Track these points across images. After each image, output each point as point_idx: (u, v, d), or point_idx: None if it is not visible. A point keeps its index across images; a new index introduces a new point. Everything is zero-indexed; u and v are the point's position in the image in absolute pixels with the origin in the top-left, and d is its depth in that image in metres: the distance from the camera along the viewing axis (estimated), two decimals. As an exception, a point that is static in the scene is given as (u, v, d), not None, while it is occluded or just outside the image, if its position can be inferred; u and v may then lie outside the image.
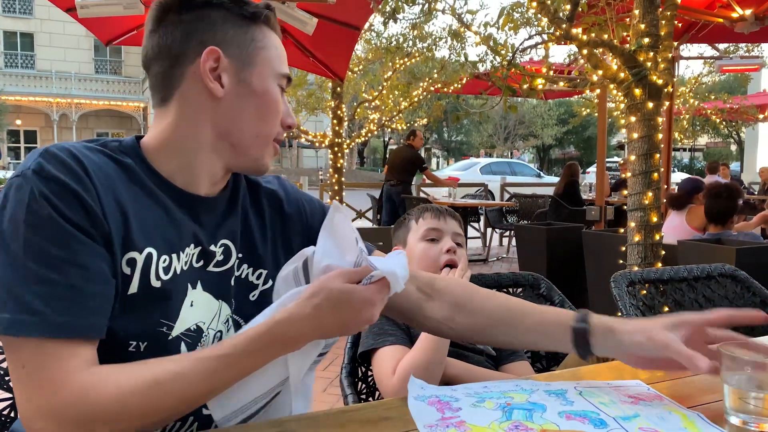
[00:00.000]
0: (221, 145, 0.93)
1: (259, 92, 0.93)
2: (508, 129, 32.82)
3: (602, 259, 3.92)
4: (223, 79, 0.91)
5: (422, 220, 1.48)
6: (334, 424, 0.85)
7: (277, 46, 0.96)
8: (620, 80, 3.04)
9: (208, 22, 0.91)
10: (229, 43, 0.91)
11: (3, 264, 0.75)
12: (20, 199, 0.76)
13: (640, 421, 0.85)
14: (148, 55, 0.92)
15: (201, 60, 0.89)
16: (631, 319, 1.01)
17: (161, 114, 0.93)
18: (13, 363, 0.75)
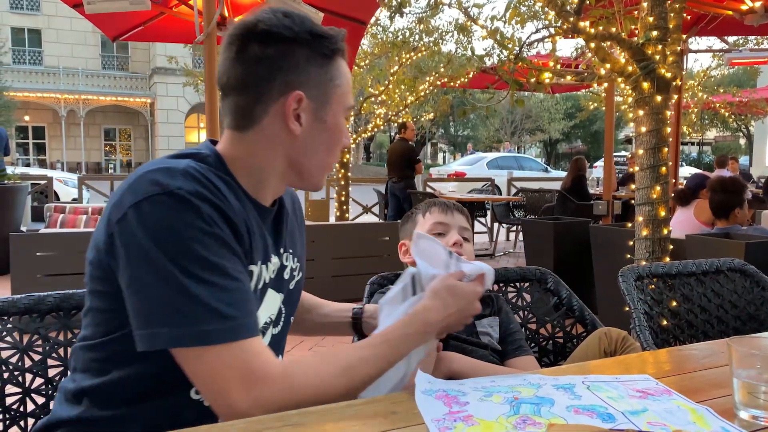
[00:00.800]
0: (290, 172, 1.01)
1: (331, 128, 1.00)
2: (515, 123, 32.70)
3: (610, 253, 3.90)
4: (302, 118, 0.97)
5: (429, 215, 1.48)
6: (341, 417, 0.85)
7: (348, 78, 1.03)
8: (628, 74, 3.01)
9: (293, 61, 0.95)
10: (311, 85, 0.97)
11: (168, 276, 0.81)
12: (176, 215, 0.83)
13: (648, 416, 0.84)
14: (230, 83, 0.96)
15: (286, 103, 0.95)
16: None
17: (238, 138, 0.98)
18: (216, 367, 0.82)
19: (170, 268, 0.81)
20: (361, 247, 4.96)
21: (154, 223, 0.82)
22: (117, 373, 0.92)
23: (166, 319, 0.81)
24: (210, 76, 3.62)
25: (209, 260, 0.83)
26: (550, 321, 1.65)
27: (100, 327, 0.92)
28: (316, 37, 0.96)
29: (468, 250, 1.44)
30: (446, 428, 0.79)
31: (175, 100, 28.92)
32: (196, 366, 0.83)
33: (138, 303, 0.83)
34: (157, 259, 0.81)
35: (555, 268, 4.47)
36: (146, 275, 0.82)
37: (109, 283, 0.88)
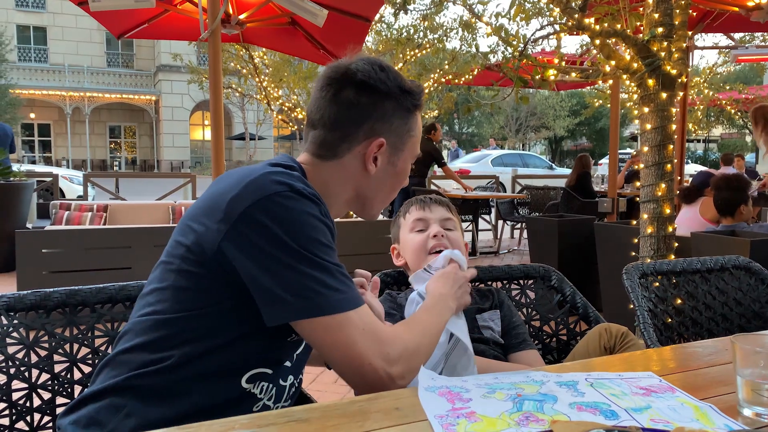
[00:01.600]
0: (355, 202, 1.15)
1: (399, 172, 1.15)
2: (519, 120, 32.61)
3: (614, 251, 3.89)
4: (378, 160, 1.10)
5: (408, 215, 1.52)
6: (345, 414, 0.85)
7: (420, 130, 1.17)
8: (633, 71, 3.00)
9: (381, 111, 1.08)
10: (392, 133, 1.10)
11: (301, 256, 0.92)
12: (304, 208, 0.95)
13: (651, 413, 0.84)
14: (322, 120, 1.09)
15: (369, 147, 1.08)
16: None
17: (317, 164, 1.10)
18: (350, 330, 0.93)
19: (302, 252, 0.92)
20: (367, 244, 4.96)
21: (284, 214, 0.93)
22: (183, 348, 0.96)
23: (303, 294, 0.92)
24: (214, 74, 3.62)
25: (329, 246, 0.96)
26: (554, 318, 1.65)
27: (181, 304, 0.98)
28: (404, 93, 1.10)
29: (453, 237, 1.46)
30: (449, 425, 0.79)
31: (180, 97, 28.97)
32: (332, 334, 0.93)
33: (272, 283, 0.92)
34: (289, 245, 0.92)
35: (559, 266, 4.46)
36: (280, 259, 0.92)
37: (204, 266, 0.96)
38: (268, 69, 8.57)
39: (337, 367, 0.97)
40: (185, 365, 0.97)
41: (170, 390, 0.96)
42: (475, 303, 1.47)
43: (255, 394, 1.01)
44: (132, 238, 4.08)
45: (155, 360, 0.96)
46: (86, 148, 28.86)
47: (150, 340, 0.98)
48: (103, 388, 0.98)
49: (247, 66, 8.01)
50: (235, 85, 10.34)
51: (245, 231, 0.93)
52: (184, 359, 0.96)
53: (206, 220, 0.97)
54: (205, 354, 0.97)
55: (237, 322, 0.96)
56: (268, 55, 8.45)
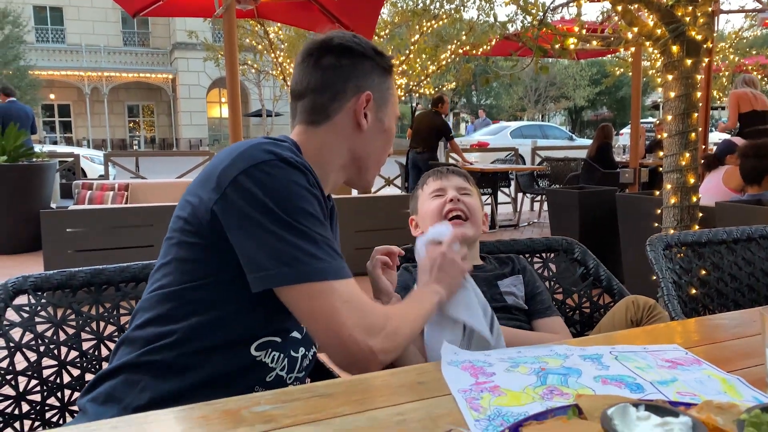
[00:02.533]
0: (351, 166, 1.18)
1: (387, 129, 1.20)
2: (539, 91, 32.09)
3: (637, 222, 3.84)
4: (368, 116, 1.15)
5: (426, 186, 1.53)
6: (368, 388, 0.85)
7: (396, 94, 1.24)
8: (656, 37, 2.92)
9: (362, 70, 1.15)
10: (375, 89, 1.16)
11: (288, 224, 0.94)
12: (292, 176, 0.97)
13: (678, 386, 0.83)
14: (309, 86, 1.14)
15: (359, 100, 1.13)
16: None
17: (311, 132, 1.14)
18: (333, 299, 0.94)
19: (287, 220, 0.94)
20: (384, 219, 4.96)
21: (271, 182, 0.95)
22: (190, 320, 0.99)
23: (286, 261, 0.93)
24: (230, 50, 3.61)
25: (315, 216, 0.97)
26: (577, 291, 1.64)
27: (184, 275, 1.01)
28: (378, 54, 1.18)
29: (470, 203, 1.45)
30: (473, 399, 0.79)
31: (197, 75, 28.97)
32: (314, 302, 0.94)
33: (257, 249, 0.94)
34: (275, 212, 0.94)
35: (580, 238, 4.41)
36: (265, 226, 0.94)
37: (201, 236, 0.99)
38: (283, 44, 8.52)
39: (319, 338, 0.97)
40: (194, 337, 0.99)
41: (182, 362, 0.99)
42: (494, 269, 1.46)
43: (267, 363, 1.04)
44: (153, 217, 4.12)
45: (165, 333, 0.99)
46: (106, 127, 29.10)
47: (159, 315, 1.01)
48: (119, 365, 1.01)
49: (263, 42, 7.97)
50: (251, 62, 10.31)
51: (233, 198, 0.95)
52: (191, 331, 0.99)
53: (201, 191, 1.00)
54: (211, 324, 1.00)
55: (238, 291, 0.98)
56: (283, 30, 8.39)
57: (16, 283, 1.17)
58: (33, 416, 1.16)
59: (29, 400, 1.16)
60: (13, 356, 1.14)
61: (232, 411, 0.77)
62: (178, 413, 0.77)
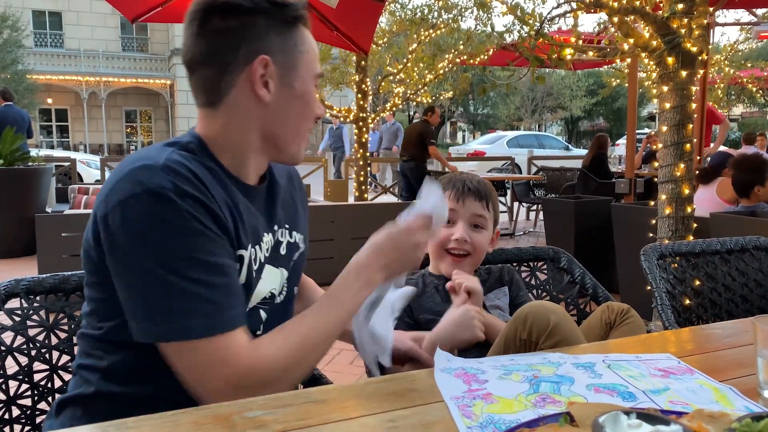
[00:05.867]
0: (267, 145, 1.02)
1: (300, 94, 1.01)
2: (535, 101, 32.23)
3: (632, 232, 3.85)
4: (270, 85, 0.98)
5: None
6: (361, 395, 0.85)
7: (313, 47, 1.04)
8: (652, 49, 2.94)
9: (254, 30, 0.96)
10: (275, 51, 0.98)
11: (151, 273, 0.84)
12: (157, 213, 0.85)
13: (670, 395, 0.84)
14: (195, 58, 0.98)
15: (252, 69, 0.96)
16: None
17: (210, 115, 1.00)
18: (188, 358, 0.86)
19: (153, 266, 0.84)
20: (381, 227, 4.95)
21: (136, 222, 0.85)
22: (119, 355, 0.95)
23: (150, 315, 0.85)
24: (228, 57, 3.62)
25: (192, 257, 0.86)
26: (564, 299, 1.64)
27: (98, 315, 0.96)
28: (276, 6, 0.97)
29: (478, 241, 1.39)
30: (465, 406, 0.79)
31: (195, 81, 28.98)
32: (177, 359, 0.87)
33: (126, 298, 0.88)
34: (141, 257, 0.85)
35: (576, 248, 4.43)
36: (132, 272, 0.86)
37: (98, 275, 0.93)
38: (281, 51, 8.53)
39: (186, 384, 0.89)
40: (131, 367, 0.94)
41: (129, 394, 0.94)
42: (483, 282, 1.45)
43: None
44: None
45: (103, 367, 0.95)
46: (103, 132, 29.06)
47: (91, 351, 0.97)
48: (71, 397, 0.98)
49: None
50: (248, 68, 10.31)
51: (105, 241, 0.88)
52: (128, 362, 0.94)
53: (88, 226, 0.94)
54: (140, 357, 0.92)
55: None
56: (281, 38, 8.40)
57: (8, 286, 1.17)
58: (23, 421, 1.16)
59: (20, 404, 1.15)
60: (3, 360, 1.13)
61: (224, 416, 0.77)
62: (168, 418, 0.76)
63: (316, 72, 1.04)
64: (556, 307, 1.09)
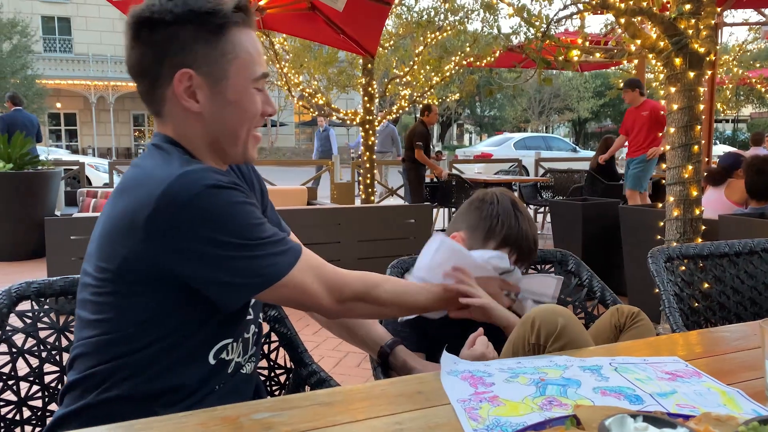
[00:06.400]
0: (213, 149, 1.04)
1: (234, 101, 1.01)
2: (542, 103, 32.16)
3: (639, 234, 3.84)
4: (198, 96, 0.99)
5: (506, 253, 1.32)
6: (368, 397, 0.86)
7: (249, 49, 1.02)
8: (659, 50, 2.93)
9: (178, 42, 0.97)
10: (200, 62, 0.98)
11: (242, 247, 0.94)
12: (228, 198, 0.93)
13: (677, 398, 0.83)
14: (132, 71, 1.01)
15: (174, 83, 0.97)
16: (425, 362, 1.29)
17: (160, 123, 1.04)
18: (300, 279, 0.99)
19: (239, 243, 0.93)
20: (387, 229, 4.96)
21: (208, 216, 0.91)
22: (141, 352, 0.96)
23: (257, 273, 0.96)
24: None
25: (255, 222, 0.96)
26: (572, 302, 1.64)
27: (123, 322, 0.97)
28: (200, 15, 0.97)
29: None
30: (472, 408, 0.79)
31: (202, 84, 29.12)
32: (288, 290, 0.99)
33: (227, 276, 0.94)
34: (225, 242, 0.92)
35: (583, 250, 4.41)
36: (224, 256, 0.93)
37: (137, 284, 0.95)
38: (288, 55, 8.57)
39: (296, 307, 1.04)
40: (148, 365, 0.97)
41: (141, 391, 0.97)
42: None
43: (224, 359, 1.03)
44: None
45: (117, 368, 0.96)
46: (111, 136, 29.24)
47: (104, 359, 0.97)
48: (74, 410, 0.98)
49: (268, 52, 8.01)
50: (256, 72, 10.34)
51: (180, 243, 0.91)
52: (144, 363, 0.96)
53: (127, 241, 0.93)
54: (163, 352, 0.97)
55: (184, 316, 0.97)
56: (288, 41, 8.45)
57: (19, 289, 1.18)
58: (34, 422, 1.17)
59: (30, 405, 1.17)
60: (15, 361, 1.14)
61: (231, 418, 0.77)
62: (176, 420, 0.77)
63: (255, 75, 1.02)
64: (564, 310, 1.09)
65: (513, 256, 1.32)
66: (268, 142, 29.18)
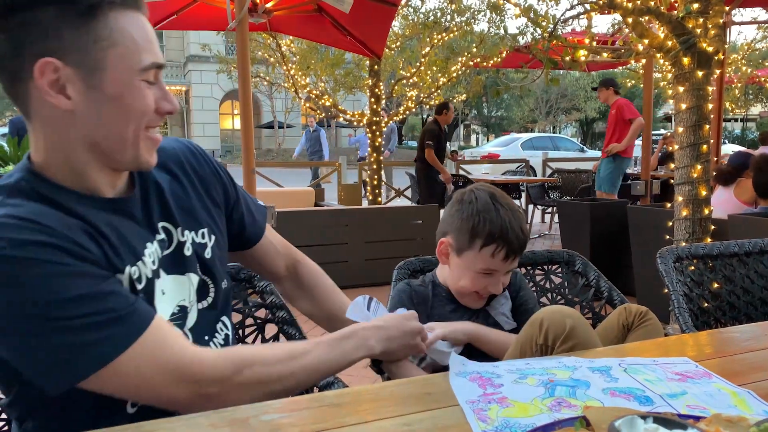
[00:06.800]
0: (96, 155, 0.88)
1: (115, 96, 0.85)
2: (549, 103, 32.10)
3: (648, 234, 3.82)
4: (69, 90, 0.83)
5: (488, 253, 1.30)
6: (377, 398, 0.86)
7: (133, 35, 0.85)
8: (667, 49, 2.92)
9: (39, 27, 0.80)
10: (69, 50, 0.81)
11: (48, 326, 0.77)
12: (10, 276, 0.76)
13: (687, 399, 0.83)
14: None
15: (35, 75, 0.81)
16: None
17: (32, 131, 0.88)
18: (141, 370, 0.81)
19: (40, 321, 0.76)
20: (394, 230, 4.96)
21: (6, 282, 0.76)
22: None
23: (56, 363, 0.78)
24: (242, 63, 3.65)
25: (68, 298, 0.78)
26: (579, 303, 1.63)
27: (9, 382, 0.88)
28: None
29: (505, 281, 1.36)
30: (481, 410, 0.79)
31: (209, 87, 29.26)
32: (119, 381, 0.81)
33: (31, 358, 0.79)
34: (19, 319, 0.76)
35: (591, 250, 4.40)
36: (23, 333, 0.77)
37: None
38: (295, 57, 8.60)
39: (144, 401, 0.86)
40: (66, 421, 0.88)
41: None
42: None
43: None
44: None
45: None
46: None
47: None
48: None
49: (275, 54, 8.05)
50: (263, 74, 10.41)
51: None
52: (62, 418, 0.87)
53: None
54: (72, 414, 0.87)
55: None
56: (295, 43, 8.48)
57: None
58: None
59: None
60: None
61: (240, 420, 0.77)
62: (185, 421, 0.77)
63: (142, 65, 0.86)
64: (572, 311, 1.08)
65: (503, 250, 1.29)
66: (275, 144, 29.27)
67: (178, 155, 1.05)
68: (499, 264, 1.30)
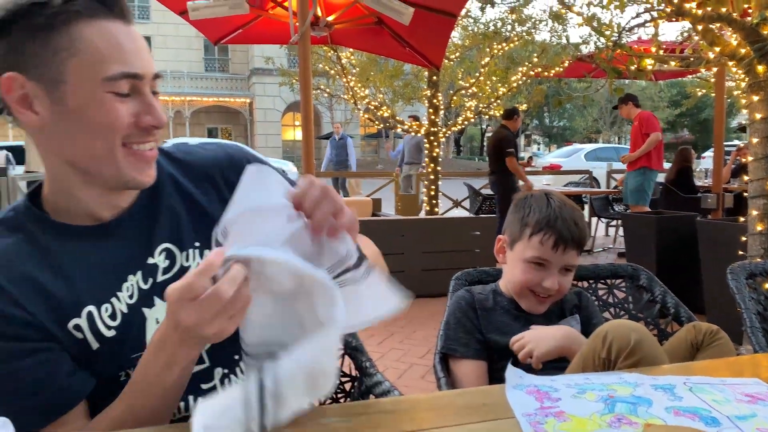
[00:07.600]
0: (79, 173, 0.84)
1: (77, 108, 0.80)
2: (614, 113, 31.18)
3: (719, 250, 3.65)
4: (36, 106, 0.80)
5: (536, 239, 1.28)
6: (432, 407, 0.86)
7: (97, 44, 0.80)
8: (740, 57, 2.80)
9: (3, 43, 0.79)
10: (30, 64, 0.79)
11: None
12: None
13: (757, 422, 0.79)
14: None
15: (2, 91, 0.80)
16: None
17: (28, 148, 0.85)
18: None
19: None
20: (451, 241, 4.94)
21: None
22: None
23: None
24: (304, 75, 3.74)
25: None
26: (644, 319, 1.58)
27: None
28: (25, 9, 0.78)
29: (564, 283, 1.32)
30: (537, 423, 0.78)
31: (272, 99, 30.06)
32: None
33: None
34: None
35: (658, 266, 4.24)
36: None
37: None
38: (355, 69, 8.73)
39: None
40: None
41: None
42: (554, 309, 1.40)
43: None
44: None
45: None
46: (187, 149, 30.57)
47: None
48: None
49: (335, 67, 8.20)
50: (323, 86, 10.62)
51: None
52: None
53: None
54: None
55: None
56: (355, 56, 8.61)
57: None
58: None
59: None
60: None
61: (300, 420, 0.79)
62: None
63: (105, 75, 0.80)
64: (638, 325, 1.05)
65: (551, 238, 1.27)
66: (334, 154, 29.73)
67: (207, 167, 0.98)
68: (549, 253, 1.28)
